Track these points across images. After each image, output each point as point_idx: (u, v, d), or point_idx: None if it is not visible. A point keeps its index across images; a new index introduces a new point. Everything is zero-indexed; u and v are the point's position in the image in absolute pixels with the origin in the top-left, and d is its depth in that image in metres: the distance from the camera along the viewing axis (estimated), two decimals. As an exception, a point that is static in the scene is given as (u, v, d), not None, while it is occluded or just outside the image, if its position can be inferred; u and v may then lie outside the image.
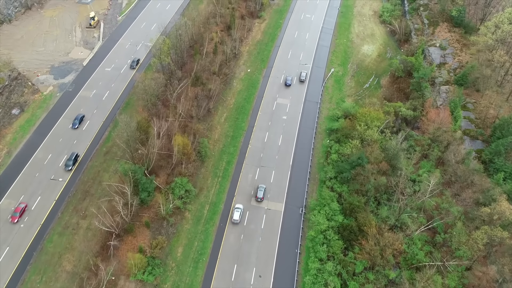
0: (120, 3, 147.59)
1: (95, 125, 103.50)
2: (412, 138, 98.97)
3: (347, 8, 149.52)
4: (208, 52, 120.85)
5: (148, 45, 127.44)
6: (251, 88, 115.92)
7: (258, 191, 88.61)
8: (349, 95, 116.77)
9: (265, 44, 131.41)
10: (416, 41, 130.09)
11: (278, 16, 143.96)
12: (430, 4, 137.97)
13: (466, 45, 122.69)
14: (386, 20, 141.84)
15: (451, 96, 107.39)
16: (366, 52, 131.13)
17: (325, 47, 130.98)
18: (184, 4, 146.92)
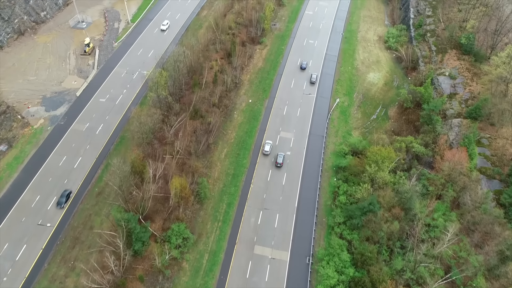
0: (116, 28, 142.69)
1: (87, 163, 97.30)
2: (425, 176, 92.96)
3: (350, 33, 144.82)
4: (208, 82, 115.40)
5: (144, 73, 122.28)
6: (252, 120, 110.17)
7: (278, 157, 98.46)
8: (355, 127, 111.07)
9: (267, 72, 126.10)
10: (424, 69, 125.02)
11: (280, 42, 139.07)
12: (437, 30, 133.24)
13: (477, 74, 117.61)
14: (391, 46, 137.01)
15: (464, 130, 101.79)
16: (372, 81, 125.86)
17: (330, 76, 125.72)
18: (182, 30, 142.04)
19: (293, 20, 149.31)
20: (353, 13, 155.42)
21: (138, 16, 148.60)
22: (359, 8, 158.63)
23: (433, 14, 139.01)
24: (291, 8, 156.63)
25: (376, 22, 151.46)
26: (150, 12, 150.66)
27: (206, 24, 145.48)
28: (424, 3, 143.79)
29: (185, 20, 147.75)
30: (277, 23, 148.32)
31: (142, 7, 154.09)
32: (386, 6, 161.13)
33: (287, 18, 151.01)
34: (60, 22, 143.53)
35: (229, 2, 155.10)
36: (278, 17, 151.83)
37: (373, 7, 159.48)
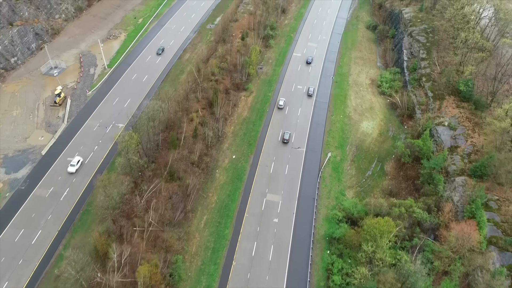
0: (92, 75, 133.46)
1: (48, 237, 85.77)
2: (429, 248, 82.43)
3: (342, 76, 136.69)
4: (187, 137, 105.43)
5: (119, 126, 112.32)
6: (236, 180, 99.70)
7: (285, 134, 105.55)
8: (350, 186, 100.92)
9: (252, 123, 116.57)
10: (421, 117, 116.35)
11: (267, 87, 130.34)
12: (433, 74, 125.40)
13: (479, 124, 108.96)
14: (385, 92, 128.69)
15: (469, 190, 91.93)
16: (366, 130, 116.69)
17: (320, 126, 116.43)
18: (162, 76, 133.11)
19: (281, 63, 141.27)
20: (343, 55, 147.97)
21: (116, 60, 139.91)
22: (350, 48, 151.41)
23: (428, 57, 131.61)
24: (279, 49, 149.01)
25: (368, 64, 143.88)
26: (130, 56, 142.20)
27: (188, 68, 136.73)
28: (417, 44, 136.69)
29: (166, 64, 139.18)
30: (263, 67, 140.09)
31: (121, 50, 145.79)
32: (378, 46, 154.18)
33: (274, 61, 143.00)
34: (32, 69, 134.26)
35: (212, 45, 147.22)
36: (265, 59, 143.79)
37: (365, 48, 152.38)
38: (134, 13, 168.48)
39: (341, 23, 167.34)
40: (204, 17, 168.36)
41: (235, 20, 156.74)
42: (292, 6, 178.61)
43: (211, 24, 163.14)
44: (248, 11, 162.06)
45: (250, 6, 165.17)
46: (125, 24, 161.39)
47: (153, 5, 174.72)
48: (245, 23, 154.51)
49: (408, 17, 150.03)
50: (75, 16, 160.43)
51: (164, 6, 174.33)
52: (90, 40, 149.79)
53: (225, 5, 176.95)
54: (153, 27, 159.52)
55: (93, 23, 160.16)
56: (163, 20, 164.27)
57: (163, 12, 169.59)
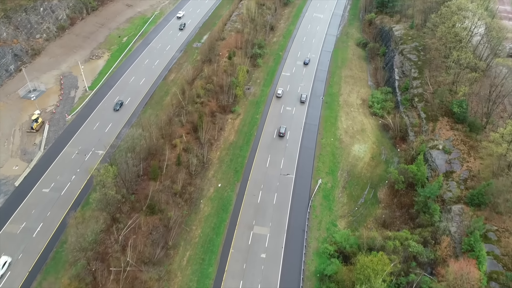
0: (72, 97, 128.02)
1: (19, 277, 79.37)
2: (426, 285, 77.27)
3: (332, 97, 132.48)
4: (170, 165, 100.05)
5: (99, 153, 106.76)
6: (221, 211, 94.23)
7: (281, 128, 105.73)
8: (341, 215, 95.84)
9: (239, 148, 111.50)
10: (414, 139, 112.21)
11: (255, 109, 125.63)
12: (425, 94, 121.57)
13: (474, 148, 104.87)
14: (377, 112, 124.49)
15: (467, 219, 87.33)
16: (358, 154, 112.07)
17: (310, 150, 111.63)
18: (146, 98, 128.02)
19: (269, 83, 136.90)
20: (333, 73, 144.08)
21: (98, 82, 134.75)
22: (340, 67, 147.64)
23: (420, 76, 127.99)
24: (267, 68, 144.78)
25: (358, 83, 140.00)
26: (113, 77, 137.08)
27: (173, 89, 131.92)
28: (409, 63, 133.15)
29: (150, 85, 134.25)
30: (251, 87, 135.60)
31: (103, 71, 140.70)
32: (368, 64, 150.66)
33: (262, 81, 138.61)
34: (9, 92, 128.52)
35: (199, 64, 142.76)
36: (253, 79, 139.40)
37: (355, 66, 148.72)
38: (118, 32, 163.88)
39: (331, 40, 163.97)
40: (190, 35, 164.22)
41: (222, 39, 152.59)
42: (281, 23, 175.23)
43: (197, 43, 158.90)
44: (236, 29, 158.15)
45: (238, 24, 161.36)
46: (109, 43, 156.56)
47: (138, 23, 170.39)
48: (232, 41, 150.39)
49: (398, 35, 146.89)
50: (57, 35, 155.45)
51: (149, 24, 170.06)
52: (71, 60, 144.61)
53: (212, 23, 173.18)
54: (138, 46, 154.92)
55: (76, 42, 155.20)
56: (148, 38, 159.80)
57: (148, 30, 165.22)
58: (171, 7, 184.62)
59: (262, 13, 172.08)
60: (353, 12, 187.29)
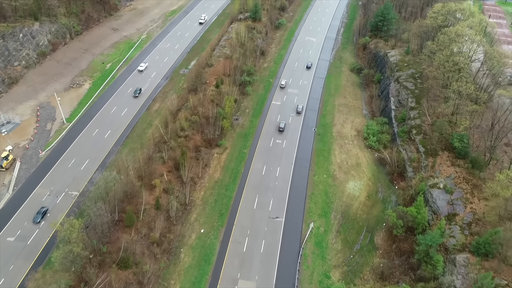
0: (48, 131, 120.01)
1: None
2: None
3: (325, 128, 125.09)
4: (149, 209, 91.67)
5: (73, 194, 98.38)
6: (203, 262, 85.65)
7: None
8: (335, 265, 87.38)
9: (225, 187, 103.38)
10: (413, 175, 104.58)
11: (243, 142, 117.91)
12: (423, 126, 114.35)
13: (477, 187, 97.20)
14: (372, 145, 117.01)
15: (473, 271, 79.08)
16: (353, 192, 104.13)
17: (301, 188, 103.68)
18: (127, 131, 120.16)
19: (258, 113, 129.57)
20: (326, 102, 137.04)
21: (77, 113, 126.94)
22: (333, 95, 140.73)
23: (417, 106, 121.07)
24: (257, 97, 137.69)
25: (353, 112, 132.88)
26: (93, 108, 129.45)
27: (157, 120, 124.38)
28: (405, 92, 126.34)
29: (132, 116, 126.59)
30: (239, 117, 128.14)
31: (83, 100, 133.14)
32: (363, 91, 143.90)
33: (251, 111, 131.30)
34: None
35: (185, 93, 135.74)
36: (242, 109, 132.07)
37: (349, 93, 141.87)
38: (102, 58, 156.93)
39: (324, 65, 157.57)
40: (177, 61, 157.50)
41: (209, 65, 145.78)
42: (272, 48, 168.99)
43: (184, 69, 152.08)
44: (224, 55, 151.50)
45: (227, 49, 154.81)
46: (91, 70, 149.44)
47: (123, 48, 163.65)
48: (221, 68, 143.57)
49: (394, 61, 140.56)
50: (37, 62, 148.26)
51: (135, 49, 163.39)
52: (51, 89, 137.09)
53: (201, 47, 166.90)
54: (122, 73, 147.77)
55: (57, 69, 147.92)
56: (133, 65, 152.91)
57: (133, 56, 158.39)
58: (159, 30, 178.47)
59: (253, 37, 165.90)
60: (346, 35, 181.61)
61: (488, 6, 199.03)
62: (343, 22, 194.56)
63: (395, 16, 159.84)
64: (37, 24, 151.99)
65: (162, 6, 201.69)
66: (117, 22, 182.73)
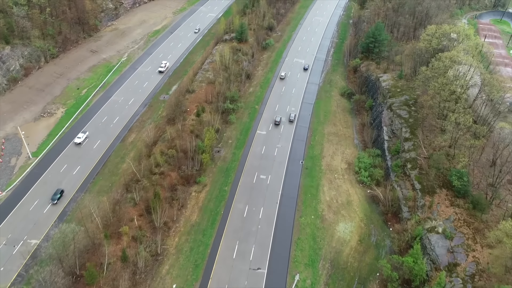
0: (11, 167, 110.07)
1: None
2: None
3: (313, 160, 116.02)
4: (114, 263, 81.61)
5: (32, 243, 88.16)
6: (173, 326, 75.24)
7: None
8: (323, 326, 77.32)
9: (202, 232, 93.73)
10: (409, 216, 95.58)
11: (224, 178, 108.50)
12: (419, 160, 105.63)
13: (480, 231, 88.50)
14: (364, 181, 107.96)
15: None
16: (343, 236, 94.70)
17: (286, 234, 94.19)
18: (99, 166, 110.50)
19: (242, 145, 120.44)
20: (315, 130, 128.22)
21: (45, 146, 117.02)
22: (323, 122, 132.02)
23: (412, 136, 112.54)
24: (241, 126, 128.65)
25: (343, 142, 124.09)
26: (64, 139, 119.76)
27: (132, 154, 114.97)
28: (399, 121, 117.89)
29: (105, 149, 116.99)
30: (222, 149, 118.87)
31: (54, 131, 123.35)
32: (354, 118, 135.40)
33: (234, 141, 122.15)
34: None
35: (163, 122, 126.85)
36: (224, 139, 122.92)
37: (339, 121, 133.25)
38: (78, 83, 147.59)
39: (313, 90, 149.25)
40: (158, 85, 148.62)
41: (191, 92, 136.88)
42: (259, 70, 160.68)
43: (165, 95, 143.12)
44: (207, 80, 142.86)
45: (210, 73, 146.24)
46: (65, 96, 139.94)
47: (101, 72, 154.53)
48: (202, 95, 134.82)
49: (386, 86, 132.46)
50: (7, 88, 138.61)
51: (114, 73, 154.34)
52: (19, 119, 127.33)
53: (183, 71, 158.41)
54: (98, 100, 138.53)
55: (28, 96, 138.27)
56: (110, 90, 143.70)
57: (111, 81, 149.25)
58: (140, 52, 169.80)
59: (238, 59, 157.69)
60: (336, 56, 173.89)
61: (483, 25, 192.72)
62: (333, 42, 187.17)
63: (386, 37, 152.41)
64: (8, 48, 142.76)
65: (145, 26, 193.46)
66: (97, 43, 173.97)
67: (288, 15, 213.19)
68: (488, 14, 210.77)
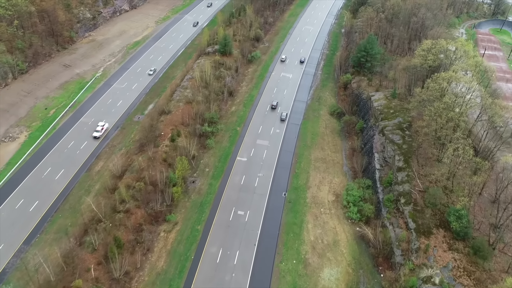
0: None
1: None
2: None
3: (297, 192, 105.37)
4: (61, 327, 70.31)
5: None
6: None
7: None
8: None
9: (168, 282, 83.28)
10: (402, 261, 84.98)
11: (197, 215, 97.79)
12: (413, 194, 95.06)
13: (482, 282, 78.03)
14: (353, 218, 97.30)
15: None
16: (328, 285, 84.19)
17: (263, 284, 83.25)
18: (59, 200, 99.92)
19: (220, 174, 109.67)
20: (301, 156, 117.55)
21: (3, 176, 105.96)
22: (309, 146, 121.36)
23: (406, 166, 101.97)
24: (220, 151, 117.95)
25: (331, 169, 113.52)
26: (23, 169, 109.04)
27: (98, 186, 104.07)
28: (392, 147, 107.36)
29: (68, 180, 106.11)
30: (197, 179, 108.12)
31: (13, 160, 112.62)
32: (344, 140, 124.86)
33: (212, 170, 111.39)
34: None
35: (135, 147, 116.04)
36: (201, 167, 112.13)
37: (328, 144, 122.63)
38: (46, 102, 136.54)
39: (300, 108, 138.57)
40: (133, 104, 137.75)
41: (167, 112, 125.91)
42: (243, 86, 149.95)
43: (140, 115, 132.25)
44: (185, 98, 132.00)
45: (189, 92, 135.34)
46: (31, 118, 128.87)
47: (73, 90, 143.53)
48: (179, 116, 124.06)
49: (378, 106, 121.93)
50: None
51: (86, 90, 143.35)
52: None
53: (162, 87, 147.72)
54: (66, 121, 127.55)
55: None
56: (81, 110, 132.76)
57: (83, 99, 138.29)
58: (117, 67, 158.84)
59: (220, 74, 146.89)
60: (327, 70, 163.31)
61: (482, 36, 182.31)
62: (323, 53, 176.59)
63: (379, 50, 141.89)
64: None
65: (125, 36, 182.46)
66: (71, 57, 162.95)
67: (277, 24, 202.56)
68: (487, 23, 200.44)
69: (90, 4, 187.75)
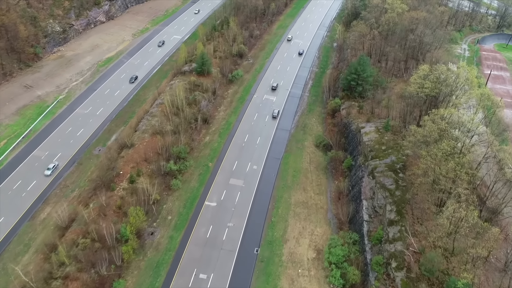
0: None
1: None
2: None
3: (272, 247, 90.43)
4: None
5: None
6: None
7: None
8: None
9: None
10: None
11: (151, 279, 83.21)
12: (407, 255, 80.00)
13: None
14: (335, 284, 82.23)
15: None
16: None
17: None
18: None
19: (184, 223, 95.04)
20: (279, 199, 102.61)
21: None
22: (290, 186, 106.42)
23: (399, 218, 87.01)
24: (187, 193, 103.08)
25: (314, 216, 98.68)
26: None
27: (40, 239, 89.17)
28: (383, 194, 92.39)
29: (7, 230, 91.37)
30: (157, 230, 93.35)
31: None
32: (329, 179, 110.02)
33: (175, 218, 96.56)
34: None
35: (90, 189, 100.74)
36: (163, 215, 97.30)
37: (311, 184, 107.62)
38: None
39: (282, 138, 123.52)
40: (95, 133, 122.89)
41: (129, 146, 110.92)
42: (220, 111, 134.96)
43: (101, 147, 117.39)
44: (152, 128, 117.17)
45: (157, 120, 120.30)
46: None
47: (30, 116, 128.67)
48: (142, 151, 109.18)
49: (369, 142, 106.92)
50: None
51: (45, 116, 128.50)
52: None
53: (131, 112, 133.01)
54: (15, 156, 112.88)
55: None
56: (35, 141, 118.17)
57: (40, 127, 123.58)
58: (83, 87, 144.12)
59: (195, 98, 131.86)
60: (314, 91, 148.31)
61: (486, 53, 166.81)
62: (312, 71, 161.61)
63: (372, 73, 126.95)
64: None
65: (97, 52, 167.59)
66: (34, 76, 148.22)
67: (264, 37, 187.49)
68: (491, 37, 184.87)
69: (61, 16, 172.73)
